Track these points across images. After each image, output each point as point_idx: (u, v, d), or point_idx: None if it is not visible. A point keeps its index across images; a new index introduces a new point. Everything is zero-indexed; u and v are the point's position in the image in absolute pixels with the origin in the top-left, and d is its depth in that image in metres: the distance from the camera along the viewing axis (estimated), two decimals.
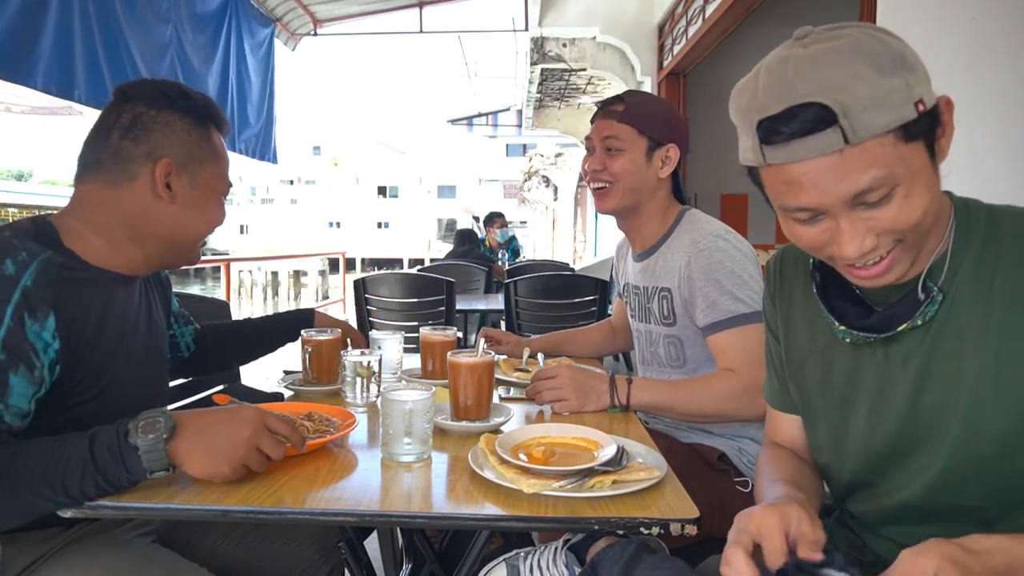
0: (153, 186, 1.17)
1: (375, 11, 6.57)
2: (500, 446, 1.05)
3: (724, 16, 4.23)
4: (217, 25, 4.56)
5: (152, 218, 1.19)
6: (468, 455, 1.07)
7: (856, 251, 0.80)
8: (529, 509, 0.93)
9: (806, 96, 0.74)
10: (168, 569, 1.11)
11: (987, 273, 0.82)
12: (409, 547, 1.80)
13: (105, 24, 3.24)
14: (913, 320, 0.84)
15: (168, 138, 1.19)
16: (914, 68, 0.75)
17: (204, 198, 1.23)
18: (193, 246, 1.27)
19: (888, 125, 0.74)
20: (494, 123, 14.42)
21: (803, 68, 0.75)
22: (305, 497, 0.95)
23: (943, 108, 0.78)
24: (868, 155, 0.75)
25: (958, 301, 0.83)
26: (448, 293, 3.47)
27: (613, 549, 0.98)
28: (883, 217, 0.78)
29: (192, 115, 1.22)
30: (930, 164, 0.78)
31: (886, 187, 0.76)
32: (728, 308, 1.44)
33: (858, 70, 0.74)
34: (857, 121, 0.73)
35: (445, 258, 6.52)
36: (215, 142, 1.25)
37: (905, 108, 0.74)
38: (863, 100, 0.73)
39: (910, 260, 0.83)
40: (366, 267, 33.60)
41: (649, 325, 1.67)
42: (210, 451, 0.97)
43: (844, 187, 0.76)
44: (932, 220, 0.81)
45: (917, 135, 0.76)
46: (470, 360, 1.29)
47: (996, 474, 0.82)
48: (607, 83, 7.84)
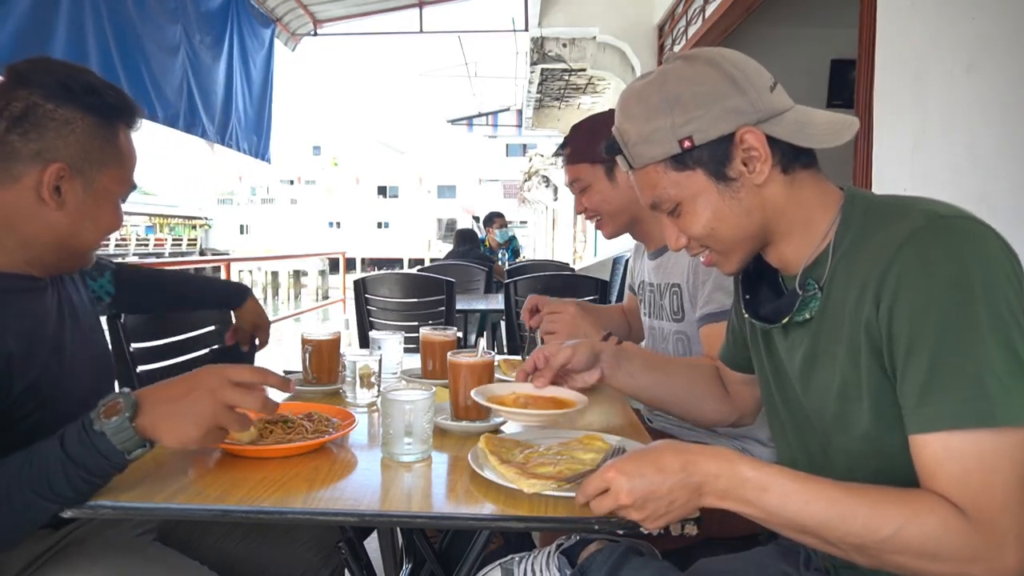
0: (39, 190, 1.04)
1: (375, 11, 6.57)
2: (479, 394, 1.18)
3: (724, 16, 4.22)
4: (221, 25, 4.58)
5: (35, 224, 1.07)
6: (468, 455, 1.07)
7: (673, 245, 1.00)
8: (529, 509, 0.93)
9: (615, 125, 0.97)
10: (169, 568, 1.11)
11: (851, 263, 0.88)
12: (409, 547, 1.80)
13: (117, 25, 3.24)
14: (799, 314, 0.93)
15: (64, 139, 1.05)
16: (686, 109, 0.89)
17: (98, 205, 1.11)
18: (84, 255, 1.16)
19: (656, 157, 0.92)
20: (494, 123, 14.43)
21: (620, 100, 0.97)
22: (305, 497, 0.95)
23: (740, 139, 0.89)
24: (648, 177, 0.95)
25: (833, 292, 0.90)
26: (448, 293, 3.47)
27: (602, 552, 1.00)
28: (681, 224, 0.97)
29: (98, 114, 1.08)
30: (716, 186, 0.92)
31: (669, 203, 0.95)
32: (723, 302, 1.45)
33: (632, 112, 0.94)
34: (634, 151, 0.94)
35: (445, 258, 6.53)
36: (121, 144, 1.12)
37: (669, 144, 0.91)
38: (634, 136, 0.93)
39: (736, 260, 0.98)
40: (366, 267, 33.60)
41: (661, 322, 1.68)
42: (178, 419, 0.92)
43: (643, 197, 0.98)
44: (733, 231, 0.94)
45: (690, 165, 0.91)
46: (470, 360, 1.29)
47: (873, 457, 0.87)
48: (607, 83, 7.85)
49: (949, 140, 2.13)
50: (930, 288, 0.77)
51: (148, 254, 31.96)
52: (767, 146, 0.89)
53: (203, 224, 42.99)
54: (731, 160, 0.90)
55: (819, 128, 0.90)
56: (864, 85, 2.53)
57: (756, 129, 0.89)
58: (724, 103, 0.89)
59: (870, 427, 0.86)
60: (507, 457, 1.03)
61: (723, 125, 0.89)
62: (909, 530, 0.75)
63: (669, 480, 0.82)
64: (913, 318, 0.78)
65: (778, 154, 0.90)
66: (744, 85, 0.89)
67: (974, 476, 0.74)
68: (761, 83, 0.91)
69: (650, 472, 0.83)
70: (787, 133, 0.89)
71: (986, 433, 0.74)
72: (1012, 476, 0.74)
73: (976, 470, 0.74)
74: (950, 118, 2.14)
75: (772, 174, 0.91)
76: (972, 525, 0.74)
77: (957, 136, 2.10)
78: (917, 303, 0.78)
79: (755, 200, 0.92)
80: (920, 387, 0.78)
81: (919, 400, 0.78)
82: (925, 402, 0.77)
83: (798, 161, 0.92)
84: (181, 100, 4.05)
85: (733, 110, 0.89)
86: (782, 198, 0.92)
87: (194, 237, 41.36)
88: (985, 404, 0.74)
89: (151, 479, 1.00)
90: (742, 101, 0.89)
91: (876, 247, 0.84)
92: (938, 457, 0.77)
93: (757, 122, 0.89)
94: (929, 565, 0.76)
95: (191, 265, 12.53)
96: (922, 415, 0.78)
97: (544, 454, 1.06)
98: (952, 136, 2.12)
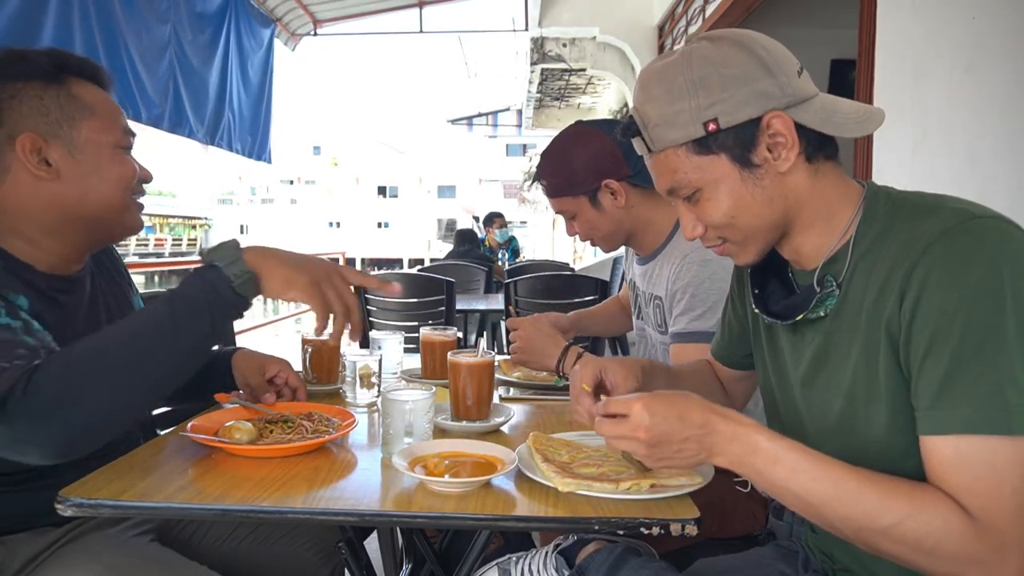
0: (28, 168, 1.05)
1: (375, 11, 6.58)
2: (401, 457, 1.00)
3: (724, 16, 4.23)
4: (217, 25, 4.57)
5: (43, 203, 1.08)
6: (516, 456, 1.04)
7: (688, 233, 0.96)
8: (529, 509, 0.93)
9: (633, 106, 0.94)
10: (168, 567, 1.11)
11: (872, 262, 0.86)
12: (409, 547, 1.80)
13: (105, 24, 3.25)
14: (815, 311, 0.90)
15: (16, 111, 1.05)
16: (711, 92, 0.86)
17: (95, 158, 1.10)
18: (115, 212, 1.14)
19: (677, 140, 0.89)
20: (494, 123, 14.43)
21: (640, 80, 0.94)
22: (305, 497, 0.95)
23: (767, 124, 0.86)
24: (667, 161, 0.91)
25: (851, 290, 0.88)
26: (448, 293, 3.47)
27: (600, 553, 0.99)
28: (699, 212, 0.93)
29: (37, 77, 1.07)
30: (739, 172, 0.89)
31: (688, 188, 0.91)
32: (696, 326, 1.45)
33: (653, 93, 0.90)
34: (654, 134, 0.91)
35: (445, 258, 6.52)
36: (80, 95, 1.10)
37: (693, 127, 0.87)
38: (655, 118, 0.90)
39: (754, 251, 0.95)
40: (366, 267, 33.55)
41: (648, 329, 1.69)
42: (287, 260, 1.00)
43: (660, 183, 0.95)
44: (753, 220, 0.91)
45: (714, 149, 0.88)
46: (470, 360, 1.29)
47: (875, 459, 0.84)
48: (607, 83, 7.85)
49: (949, 140, 2.13)
50: (959, 291, 0.75)
51: (148, 254, 31.93)
52: (794, 132, 0.86)
53: (203, 224, 42.96)
54: (756, 146, 0.87)
55: (847, 116, 0.88)
56: (864, 85, 2.53)
57: (784, 114, 0.86)
58: (753, 86, 0.85)
59: (882, 431, 0.84)
60: (552, 456, 1.04)
61: (750, 109, 0.86)
62: (910, 523, 0.75)
63: (687, 431, 0.84)
64: (938, 319, 0.76)
65: (804, 142, 0.87)
66: (774, 68, 0.86)
67: (984, 482, 0.73)
68: (790, 67, 0.87)
69: (673, 418, 0.84)
70: (814, 120, 0.87)
71: (1001, 441, 0.73)
72: (1022, 487, 0.73)
73: (987, 476, 0.73)
74: (950, 118, 2.14)
75: (797, 162, 0.88)
76: (976, 529, 0.73)
77: (957, 136, 2.10)
78: (944, 304, 0.76)
79: (778, 188, 0.89)
80: (937, 389, 0.76)
81: (935, 401, 0.77)
82: (941, 404, 0.76)
83: (822, 151, 0.90)
84: (167, 100, 4.04)
85: (761, 93, 0.85)
86: (805, 188, 0.90)
87: (194, 237, 41.33)
88: (1003, 412, 0.73)
89: (151, 479, 1.00)
90: (771, 84, 0.85)
91: (901, 244, 0.82)
92: (949, 460, 0.76)
93: (785, 107, 0.86)
94: (924, 560, 0.76)
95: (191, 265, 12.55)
96: (937, 417, 0.77)
97: (591, 455, 1.06)
98: (952, 136, 2.12)
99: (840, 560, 0.98)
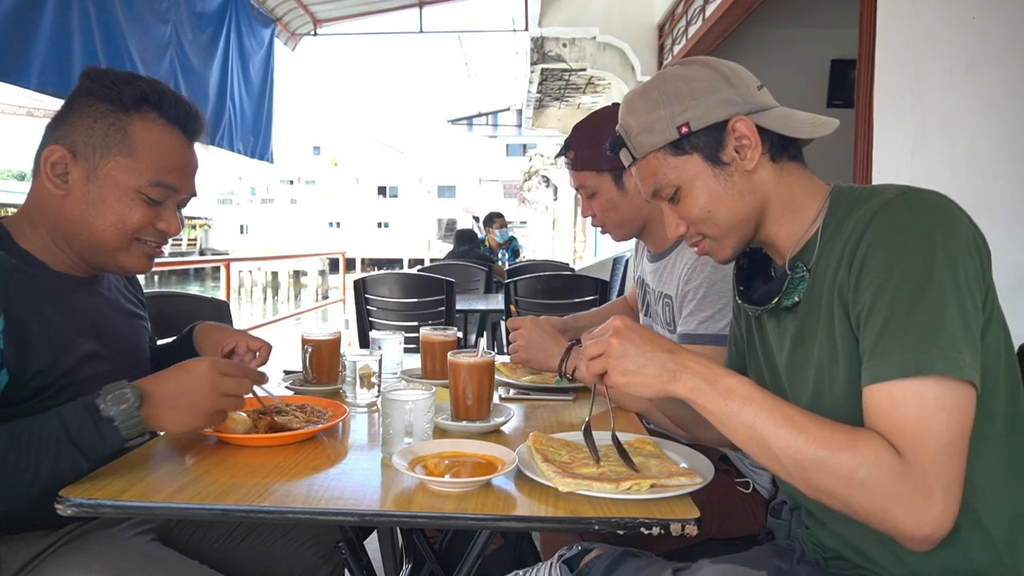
0: (46, 175, 1.08)
1: (375, 11, 6.57)
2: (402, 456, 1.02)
3: (724, 16, 4.22)
4: (217, 25, 4.57)
5: (49, 212, 1.11)
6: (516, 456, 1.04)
7: (672, 231, 1.06)
8: (529, 509, 0.93)
9: (619, 123, 1.07)
10: (169, 567, 1.11)
11: (834, 244, 0.93)
12: (409, 547, 1.80)
13: (105, 24, 3.24)
14: (788, 296, 0.98)
15: (72, 124, 1.09)
16: (683, 100, 0.99)
17: (105, 193, 1.10)
18: (106, 250, 1.13)
19: (656, 144, 1.01)
20: (494, 123, 14.43)
21: (623, 101, 1.07)
22: (305, 497, 0.95)
23: (732, 128, 0.98)
24: (649, 166, 1.03)
25: (818, 273, 0.95)
26: (448, 293, 3.47)
27: (600, 558, 1.02)
28: (680, 210, 1.04)
29: (112, 101, 1.09)
30: (711, 170, 1.00)
31: (669, 188, 1.02)
32: (706, 328, 1.44)
33: (635, 106, 1.03)
34: (636, 142, 1.03)
35: (445, 258, 6.52)
36: (134, 131, 1.10)
37: (668, 131, 0.99)
38: (636, 128, 1.02)
39: (730, 246, 1.03)
40: (366, 267, 33.60)
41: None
42: (181, 409, 1.02)
43: (645, 186, 1.06)
44: (727, 213, 1.00)
45: (687, 150, 0.99)
46: (470, 360, 1.29)
47: None
48: (607, 83, 7.85)
49: (949, 140, 2.13)
50: (898, 249, 0.83)
51: None
52: (757, 134, 0.98)
53: (203, 224, 42.96)
54: (724, 146, 0.99)
55: (803, 122, 1.00)
56: (864, 85, 2.53)
57: (747, 119, 0.98)
58: (718, 95, 0.98)
59: (841, 395, 0.89)
60: (552, 456, 1.04)
61: (717, 113, 0.98)
62: (844, 456, 0.80)
63: (655, 351, 0.93)
64: (879, 276, 0.84)
65: (767, 143, 0.99)
66: (736, 82, 0.99)
67: (913, 423, 0.78)
68: (751, 82, 1.01)
69: (645, 336, 0.95)
70: (775, 124, 0.99)
71: (928, 383, 0.78)
72: (947, 430, 0.78)
73: (915, 418, 0.78)
74: (950, 118, 2.14)
75: (762, 161, 0.99)
76: (903, 466, 0.78)
77: (957, 136, 2.10)
78: (884, 262, 0.84)
79: (747, 184, 1.00)
80: (874, 340, 0.83)
81: (871, 353, 0.83)
82: (876, 354, 0.82)
83: (785, 152, 1.01)
84: None
85: (726, 101, 0.98)
86: (771, 184, 1.00)
87: (194, 237, 41.34)
88: (930, 356, 0.78)
89: (151, 479, 1.00)
90: (733, 94, 0.99)
91: (854, 223, 0.90)
92: (882, 406, 0.81)
93: (748, 112, 0.98)
94: (856, 494, 0.79)
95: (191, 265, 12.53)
96: (872, 367, 0.83)
97: (591, 455, 1.06)
98: (952, 136, 2.12)
99: (831, 547, 1.01)
